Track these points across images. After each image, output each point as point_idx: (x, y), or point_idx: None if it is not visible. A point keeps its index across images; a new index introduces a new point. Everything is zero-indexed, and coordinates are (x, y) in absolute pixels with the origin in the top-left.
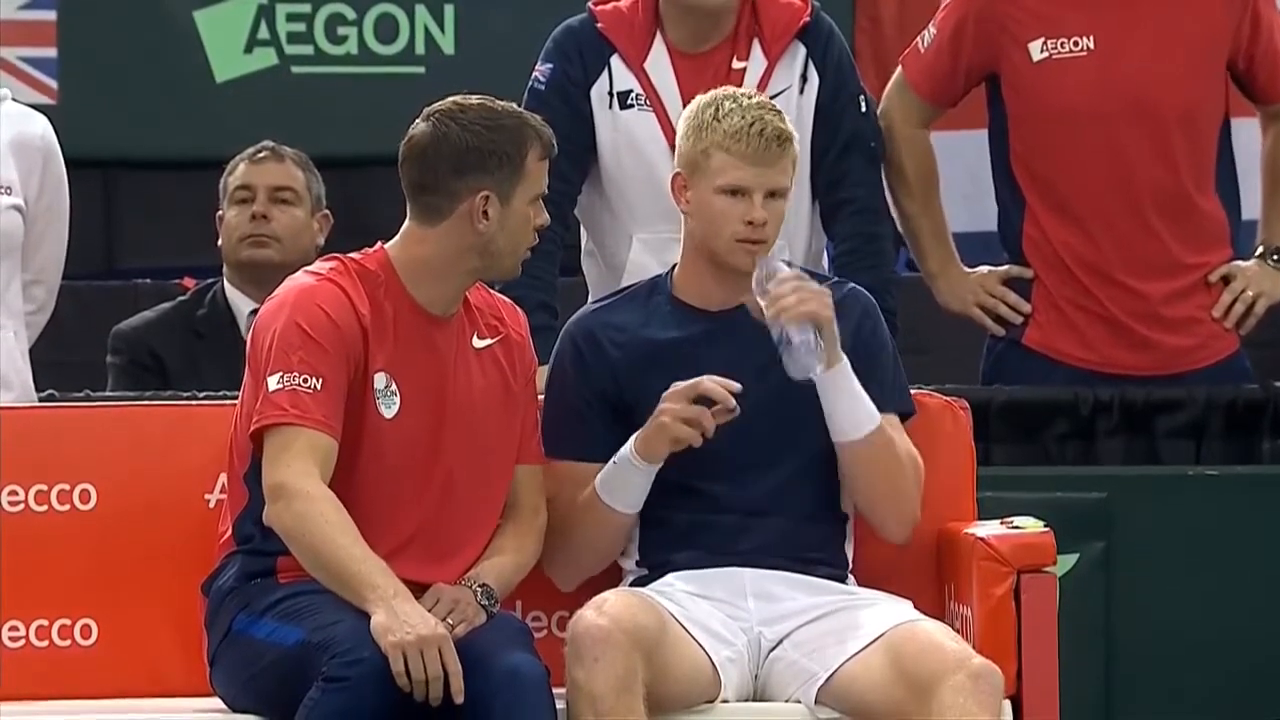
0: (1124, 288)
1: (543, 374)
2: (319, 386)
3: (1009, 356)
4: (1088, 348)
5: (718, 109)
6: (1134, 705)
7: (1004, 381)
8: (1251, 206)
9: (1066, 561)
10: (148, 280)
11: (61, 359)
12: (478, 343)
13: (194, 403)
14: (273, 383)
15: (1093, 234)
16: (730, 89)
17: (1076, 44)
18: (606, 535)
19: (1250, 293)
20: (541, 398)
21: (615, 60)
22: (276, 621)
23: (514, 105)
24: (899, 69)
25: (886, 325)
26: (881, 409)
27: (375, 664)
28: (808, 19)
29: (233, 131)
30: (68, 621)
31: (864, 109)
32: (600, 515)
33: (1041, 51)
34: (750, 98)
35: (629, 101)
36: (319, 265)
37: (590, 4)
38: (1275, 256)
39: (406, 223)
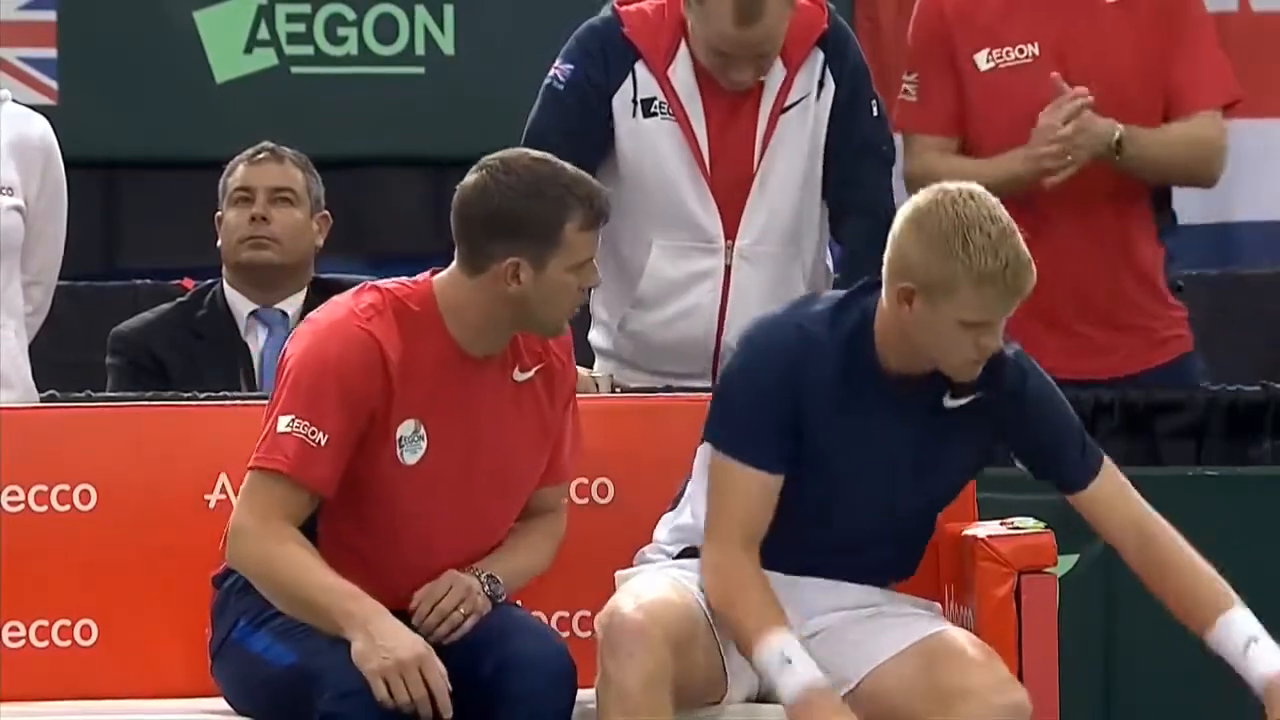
0: (1069, 289)
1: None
2: (324, 442)
3: None
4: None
5: (966, 238)
6: (1134, 706)
7: None
8: (1183, 213)
9: (1067, 562)
10: (147, 281)
11: (61, 359)
12: (519, 376)
13: (194, 403)
14: (283, 423)
15: (1042, 237)
16: (969, 204)
17: (1021, 51)
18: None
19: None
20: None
21: (639, 67)
22: (272, 638)
23: (569, 169)
24: (903, 137)
25: None
26: (1089, 478)
27: (367, 695)
28: (826, 27)
29: (233, 132)
30: (68, 622)
31: (876, 113)
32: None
33: (988, 61)
34: (994, 222)
35: (652, 110)
36: (361, 298)
37: (615, 3)
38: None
39: (455, 262)
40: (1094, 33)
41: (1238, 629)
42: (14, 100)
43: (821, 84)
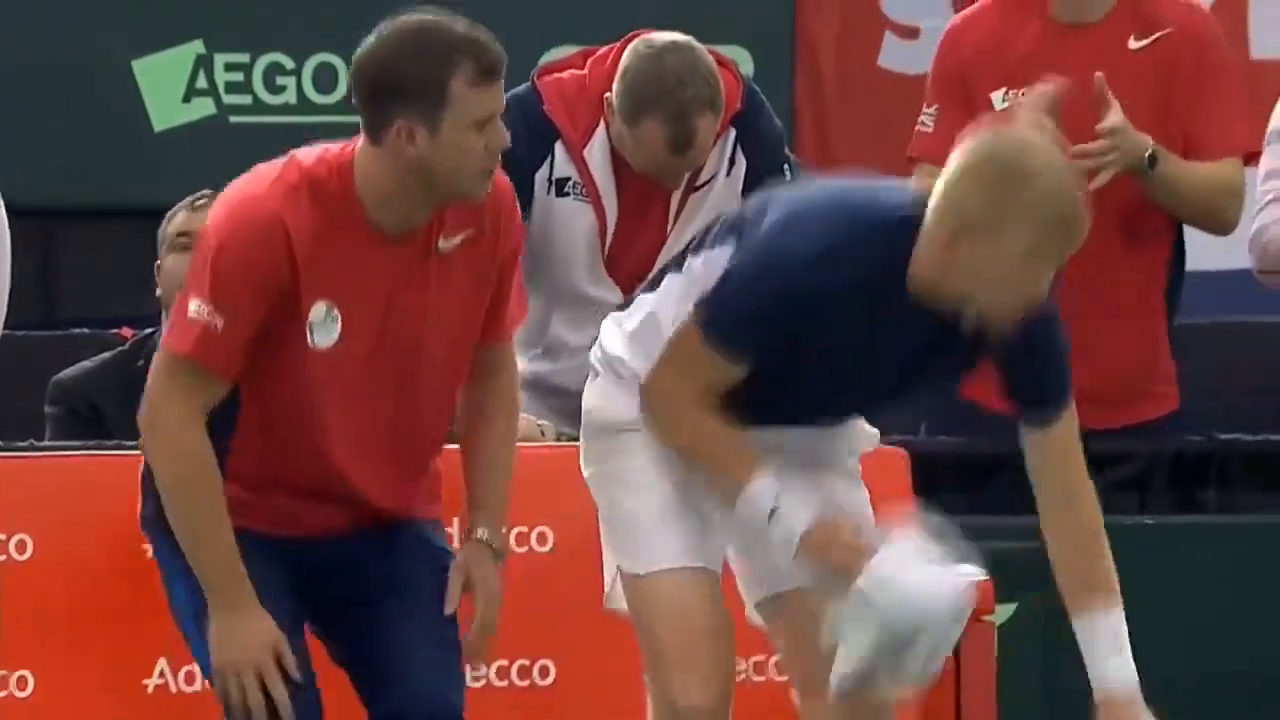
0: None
1: None
2: (221, 326)
3: (941, 407)
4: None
5: (1027, 181)
6: None
7: (944, 433)
8: (1195, 258)
9: (1005, 611)
10: (85, 330)
11: None
12: (443, 245)
13: (132, 453)
14: (191, 308)
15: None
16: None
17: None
18: None
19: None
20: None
21: (558, 146)
22: (197, 630)
23: (458, 27)
24: (915, 165)
25: None
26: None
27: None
28: (740, 106)
29: (171, 181)
30: (4, 673)
31: (789, 176)
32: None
33: (1004, 101)
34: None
35: (565, 190)
36: (279, 174)
37: (535, 74)
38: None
39: None
40: (1115, 78)
41: (1109, 630)
42: None
43: (733, 161)
